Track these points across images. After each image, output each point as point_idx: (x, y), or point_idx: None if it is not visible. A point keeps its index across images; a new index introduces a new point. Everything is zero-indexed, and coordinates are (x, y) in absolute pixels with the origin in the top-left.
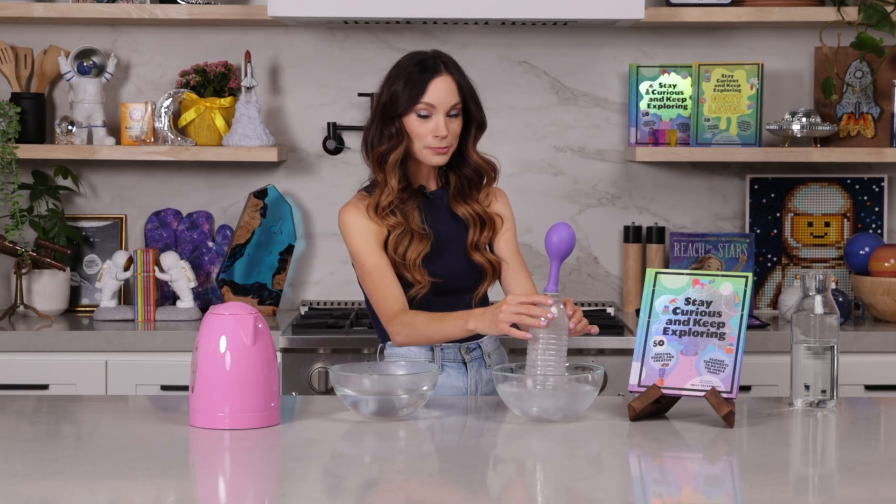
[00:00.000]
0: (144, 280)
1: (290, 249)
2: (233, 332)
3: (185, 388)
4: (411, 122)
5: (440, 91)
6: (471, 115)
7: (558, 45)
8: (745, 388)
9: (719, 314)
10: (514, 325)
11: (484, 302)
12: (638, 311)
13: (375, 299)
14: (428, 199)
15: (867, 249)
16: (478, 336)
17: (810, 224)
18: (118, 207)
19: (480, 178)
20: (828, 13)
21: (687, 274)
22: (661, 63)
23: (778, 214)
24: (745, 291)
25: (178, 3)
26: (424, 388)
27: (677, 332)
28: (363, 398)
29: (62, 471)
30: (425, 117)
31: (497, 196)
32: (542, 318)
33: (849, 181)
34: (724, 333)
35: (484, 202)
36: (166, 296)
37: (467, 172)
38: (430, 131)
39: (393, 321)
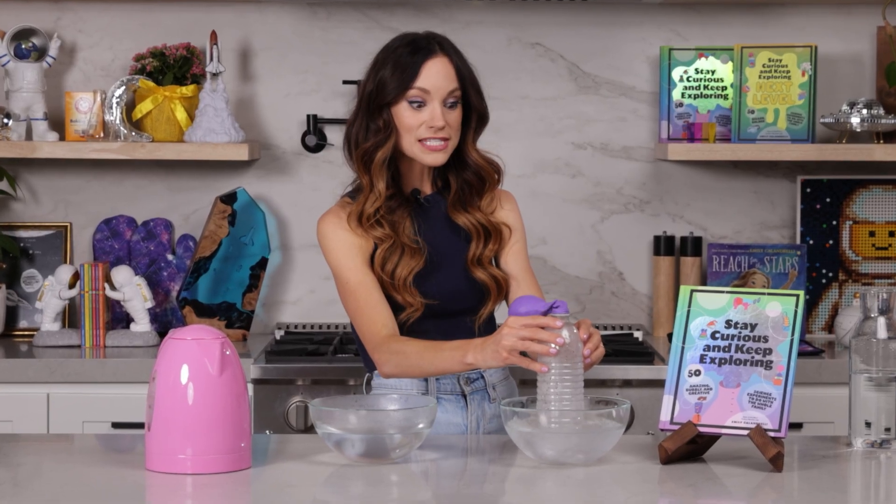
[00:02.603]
0: (93, 299)
1: (262, 263)
2: (196, 360)
3: (140, 425)
4: (402, 112)
5: (435, 75)
6: (470, 106)
7: (577, 24)
8: (795, 426)
9: (765, 339)
10: (524, 353)
11: (489, 325)
12: (670, 336)
13: (360, 323)
14: (421, 205)
15: None
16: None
17: (872, 234)
18: (62, 214)
19: (482, 182)
20: None
21: (728, 292)
22: (697, 45)
23: (834, 222)
24: (796, 313)
25: None
26: (420, 425)
27: (716, 361)
28: (349, 437)
29: None
30: (418, 106)
31: (503, 201)
32: (552, 344)
33: None
34: (772, 362)
35: (487, 209)
36: (118, 318)
37: (467, 175)
38: (423, 122)
39: (380, 349)
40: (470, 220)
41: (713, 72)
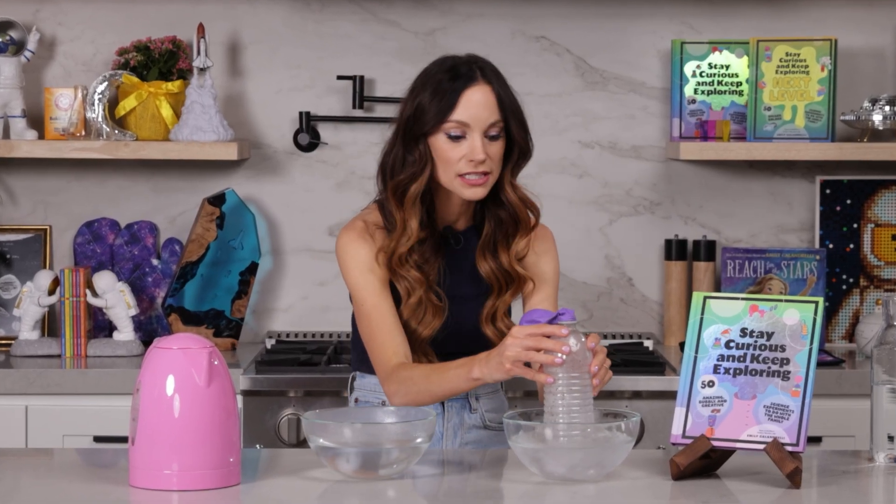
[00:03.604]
0: (73, 306)
1: (253, 269)
2: (183, 370)
3: (123, 439)
4: (439, 143)
5: (475, 105)
6: (512, 139)
7: (584, 16)
8: (814, 440)
9: (783, 348)
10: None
11: None
12: (682, 345)
13: (371, 348)
14: (450, 245)
15: None
16: None
17: (895, 237)
18: (41, 217)
19: (515, 224)
20: None
21: (743, 299)
22: (710, 39)
23: (855, 225)
24: (815, 320)
25: None
26: (419, 440)
27: (731, 371)
28: (343, 452)
29: None
30: (457, 138)
31: (537, 243)
32: (558, 354)
33: None
34: (789, 372)
35: (518, 252)
36: (100, 326)
37: (501, 214)
38: (463, 155)
39: (389, 379)
40: (493, 269)
41: (727, 67)
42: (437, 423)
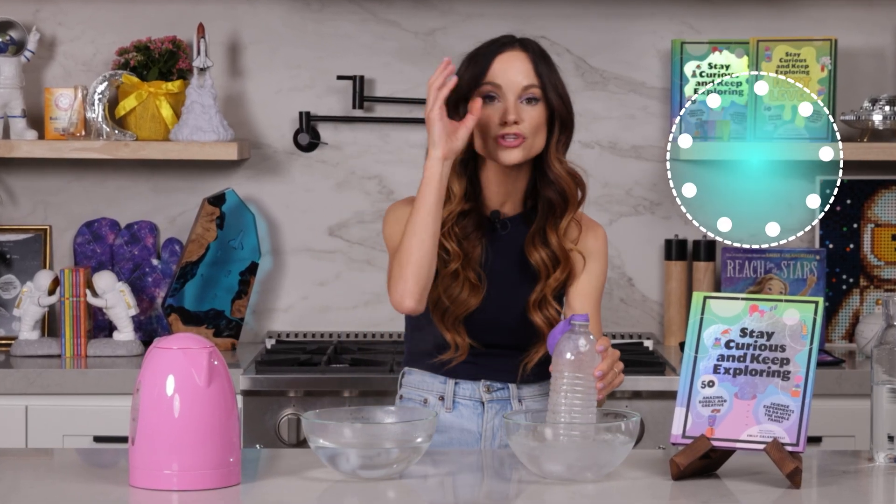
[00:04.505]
0: (73, 306)
1: (253, 269)
2: (182, 370)
3: (123, 439)
4: (476, 107)
5: (508, 69)
6: (552, 110)
7: (584, 16)
8: (814, 440)
9: (783, 348)
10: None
11: (540, 368)
12: (682, 345)
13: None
14: (497, 231)
15: None
16: (508, 375)
17: (895, 237)
18: (41, 217)
19: (564, 201)
20: None
21: (743, 299)
22: (710, 39)
23: (855, 225)
24: (815, 320)
25: None
26: (419, 439)
27: (731, 371)
28: (343, 452)
29: None
30: (491, 99)
31: (590, 231)
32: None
33: None
34: (789, 372)
35: (569, 234)
36: (100, 326)
37: (550, 193)
38: (496, 118)
39: (390, 277)
40: (543, 256)
41: (727, 66)
42: (476, 423)
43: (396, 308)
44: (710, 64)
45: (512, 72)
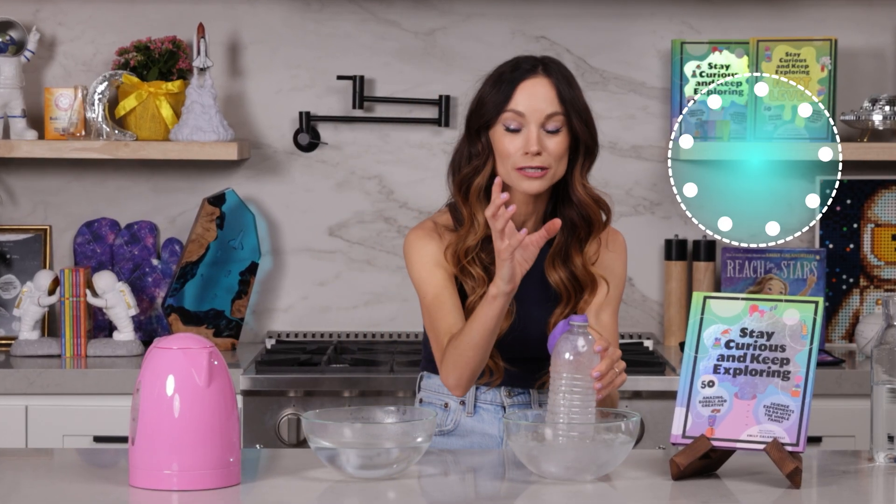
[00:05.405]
0: (73, 306)
1: (253, 269)
2: (182, 370)
3: (123, 439)
4: (498, 135)
5: (532, 96)
6: (576, 136)
7: (584, 16)
8: (814, 440)
9: (783, 348)
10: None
11: None
12: (682, 345)
13: (432, 339)
14: None
15: None
16: (526, 381)
17: (895, 237)
18: (41, 217)
19: (588, 225)
20: None
21: (743, 299)
22: (710, 39)
23: (855, 225)
24: (815, 320)
25: None
26: (419, 439)
27: (731, 371)
28: (343, 452)
29: None
30: (514, 131)
31: (611, 243)
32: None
33: None
34: (789, 372)
35: (590, 256)
36: (100, 326)
37: (572, 215)
38: (519, 148)
39: (441, 364)
40: (563, 278)
41: (727, 66)
42: (497, 427)
43: (444, 383)
44: (710, 64)
45: (535, 99)
